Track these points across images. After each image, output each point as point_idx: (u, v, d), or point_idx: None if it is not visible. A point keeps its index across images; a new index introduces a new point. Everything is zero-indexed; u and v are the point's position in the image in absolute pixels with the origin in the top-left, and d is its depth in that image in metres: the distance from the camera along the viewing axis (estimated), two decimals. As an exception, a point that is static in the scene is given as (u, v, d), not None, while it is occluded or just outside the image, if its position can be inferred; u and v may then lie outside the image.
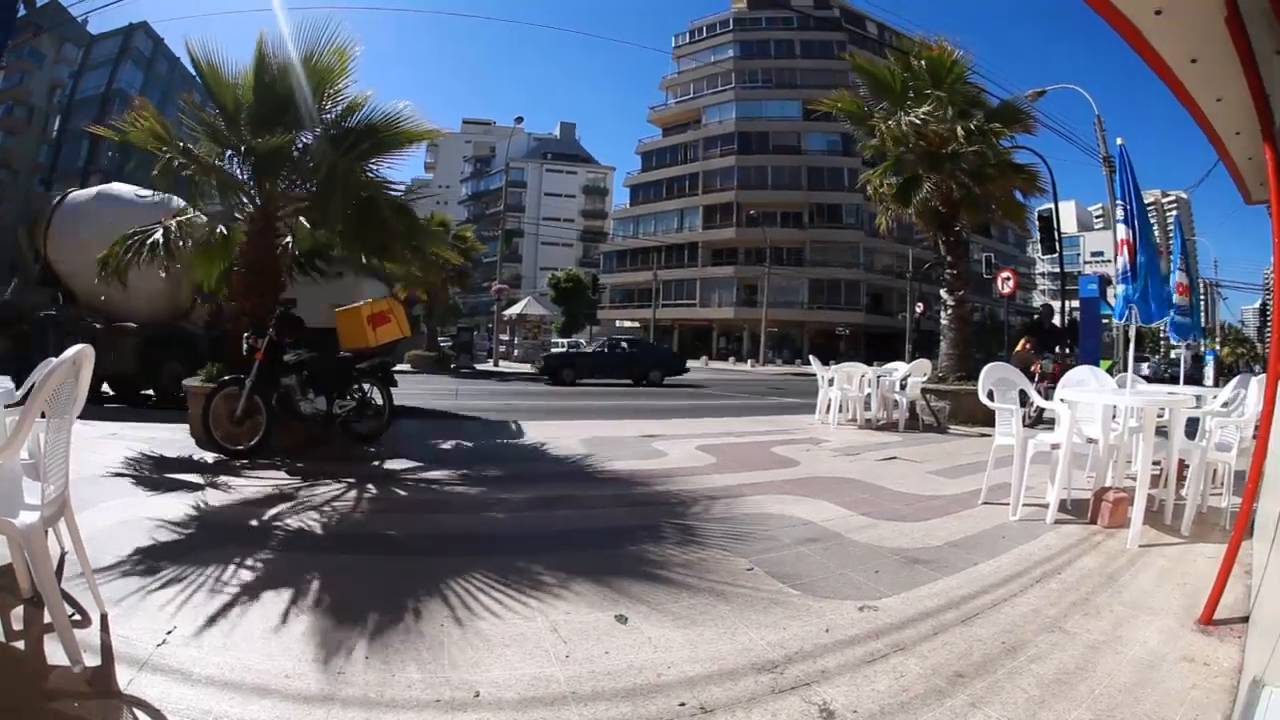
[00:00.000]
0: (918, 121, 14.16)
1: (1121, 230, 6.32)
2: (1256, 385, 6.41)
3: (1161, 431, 5.99)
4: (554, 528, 5.84)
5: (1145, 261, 6.34)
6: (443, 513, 6.31)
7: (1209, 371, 29.22)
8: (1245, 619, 3.78)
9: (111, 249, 8.86)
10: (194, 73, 9.16)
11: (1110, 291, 22.29)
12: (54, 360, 3.06)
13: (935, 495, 7.18)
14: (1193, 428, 6.45)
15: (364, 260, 10.14)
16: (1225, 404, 6.88)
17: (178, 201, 10.25)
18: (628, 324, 78.43)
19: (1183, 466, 6.24)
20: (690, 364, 40.10)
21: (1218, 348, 58.91)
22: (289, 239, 9.93)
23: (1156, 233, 7.27)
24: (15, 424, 2.99)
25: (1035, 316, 22.87)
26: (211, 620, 3.55)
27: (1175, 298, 8.54)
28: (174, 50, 59.14)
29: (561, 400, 17.70)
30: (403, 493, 6.97)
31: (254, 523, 5.57)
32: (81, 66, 58.34)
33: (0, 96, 53.02)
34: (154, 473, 7.13)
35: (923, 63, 14.87)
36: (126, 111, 8.99)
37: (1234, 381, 7.24)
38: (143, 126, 8.63)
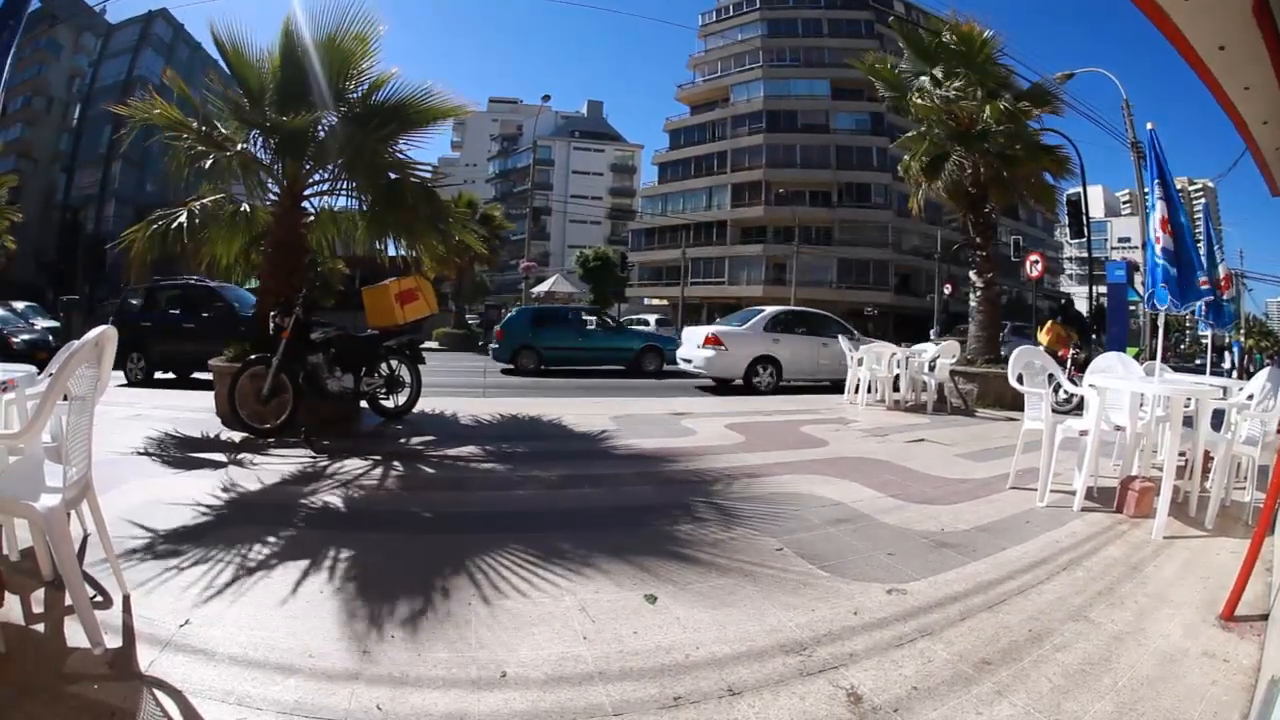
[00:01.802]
0: (950, 95, 14.07)
1: (1162, 209, 6.17)
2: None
3: (1187, 422, 5.96)
4: (582, 505, 5.89)
5: (1183, 245, 6.23)
6: (469, 490, 6.37)
7: (1233, 362, 28.93)
8: (1265, 616, 3.78)
9: (136, 233, 8.87)
10: (218, 55, 9.18)
11: (1138, 278, 22.11)
12: (75, 343, 3.07)
13: (963, 479, 7.17)
14: (1219, 420, 6.41)
15: (389, 244, 10.15)
16: (1250, 396, 6.81)
17: None
18: (656, 301, 78.32)
19: (1208, 458, 6.20)
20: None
21: (1242, 339, 58.38)
22: (313, 218, 9.95)
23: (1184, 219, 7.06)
24: (36, 407, 3.02)
25: (1062, 301, 22.53)
26: (235, 599, 3.60)
27: (1219, 292, 8.40)
28: (195, 36, 59.10)
29: (591, 378, 17.71)
30: (429, 470, 7.03)
31: (279, 501, 5.64)
32: (100, 55, 58.49)
33: (19, 87, 53.37)
34: (179, 452, 7.22)
35: (954, 38, 14.76)
36: (147, 91, 8.99)
37: (1263, 374, 7.16)
38: (163, 110, 8.65)
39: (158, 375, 15.66)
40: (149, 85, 8.88)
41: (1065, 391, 8.11)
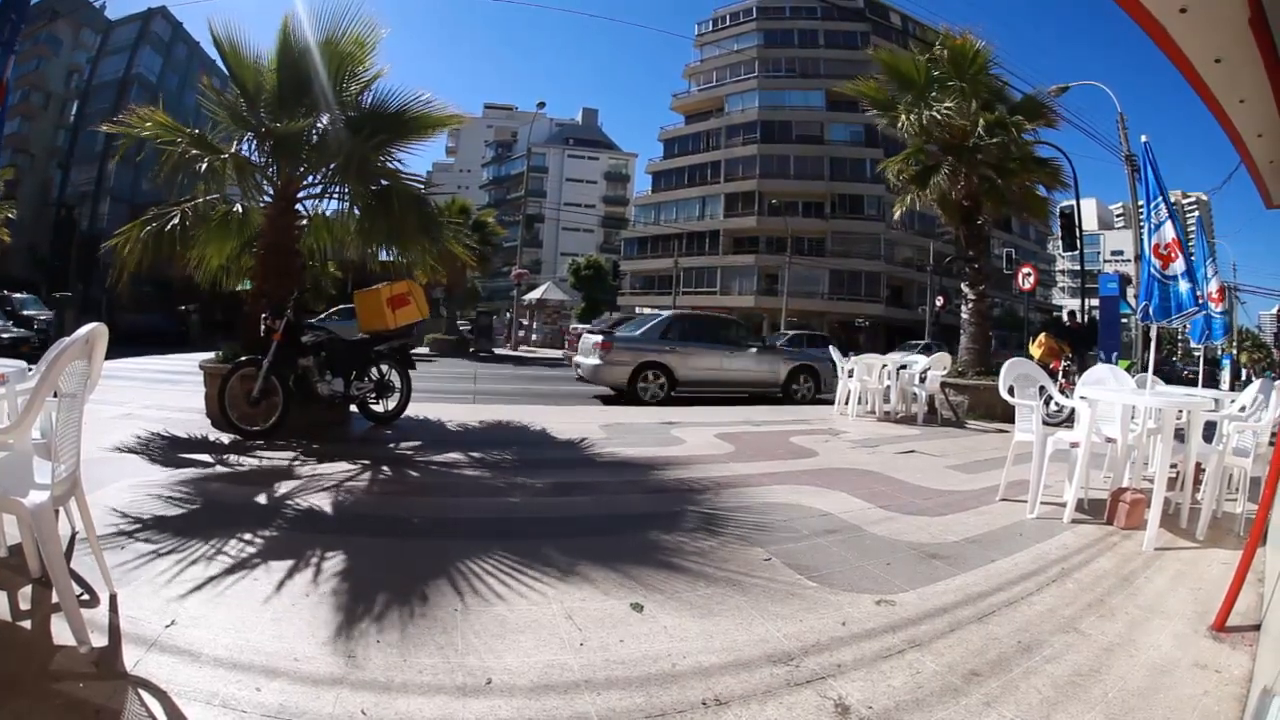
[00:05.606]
0: (939, 116, 14.04)
1: (1171, 229, 6.23)
2: (1278, 394, 6.34)
3: (1179, 434, 5.97)
4: (570, 513, 5.87)
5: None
6: (457, 496, 6.34)
7: (1225, 375, 28.95)
8: (1257, 627, 3.77)
9: (129, 233, 8.83)
10: (215, 54, 9.16)
11: (1130, 291, 22.18)
12: (65, 340, 3.05)
13: (953, 490, 7.16)
14: (1210, 432, 6.41)
15: (378, 250, 10.16)
16: (1242, 408, 6.81)
17: None
18: (647, 310, 78.33)
19: (1199, 470, 6.20)
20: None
21: (1234, 352, 58.55)
22: (306, 221, 9.91)
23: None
24: (25, 403, 2.99)
25: (1055, 315, 22.78)
26: (221, 601, 3.58)
27: (1211, 307, 8.45)
28: (193, 35, 59.12)
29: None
30: (417, 475, 7.02)
31: (267, 503, 5.62)
32: (99, 52, 58.31)
33: (17, 82, 53.27)
34: (168, 452, 7.18)
35: (946, 52, 14.75)
36: (133, 110, 8.92)
37: (1254, 386, 7.15)
38: (154, 122, 8.60)
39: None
40: (131, 109, 8.74)
41: (1056, 404, 8.12)
